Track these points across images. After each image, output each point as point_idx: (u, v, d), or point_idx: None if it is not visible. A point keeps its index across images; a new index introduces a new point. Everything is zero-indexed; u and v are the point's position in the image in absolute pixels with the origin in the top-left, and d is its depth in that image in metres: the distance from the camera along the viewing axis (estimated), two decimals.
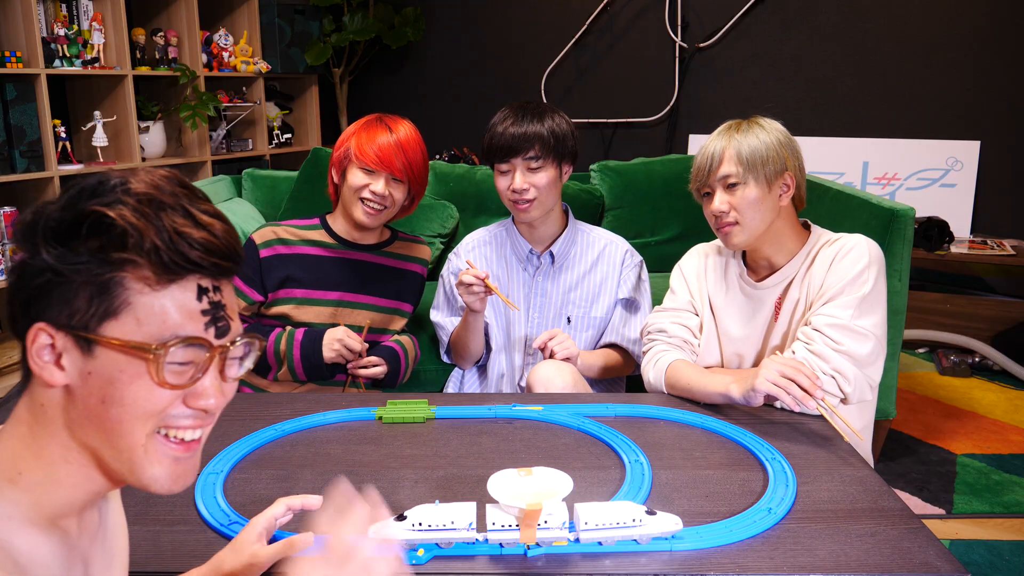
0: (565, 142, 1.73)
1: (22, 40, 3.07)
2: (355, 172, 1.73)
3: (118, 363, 0.63)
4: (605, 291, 1.83)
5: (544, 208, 1.76)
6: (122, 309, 0.62)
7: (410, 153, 1.73)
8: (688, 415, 1.35)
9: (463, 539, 0.94)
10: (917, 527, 1.00)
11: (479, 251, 1.91)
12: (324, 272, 1.80)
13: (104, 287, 0.62)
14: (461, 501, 0.96)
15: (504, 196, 1.76)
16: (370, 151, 1.70)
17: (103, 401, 0.63)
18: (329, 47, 4.30)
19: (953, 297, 3.27)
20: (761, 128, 1.44)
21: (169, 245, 0.62)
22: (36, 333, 0.63)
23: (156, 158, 3.68)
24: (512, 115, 1.73)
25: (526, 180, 1.71)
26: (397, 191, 1.75)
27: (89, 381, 0.63)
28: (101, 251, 0.61)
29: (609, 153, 4.30)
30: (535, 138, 1.69)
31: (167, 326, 0.63)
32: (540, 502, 0.92)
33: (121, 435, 0.65)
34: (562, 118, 1.76)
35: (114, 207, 0.62)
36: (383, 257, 1.86)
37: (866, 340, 1.34)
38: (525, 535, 0.93)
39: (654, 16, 4.08)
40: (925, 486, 2.26)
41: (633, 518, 0.94)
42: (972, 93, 3.65)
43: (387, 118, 1.78)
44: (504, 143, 1.70)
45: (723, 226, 1.44)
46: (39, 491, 0.65)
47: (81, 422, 0.65)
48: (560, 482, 0.98)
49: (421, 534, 0.93)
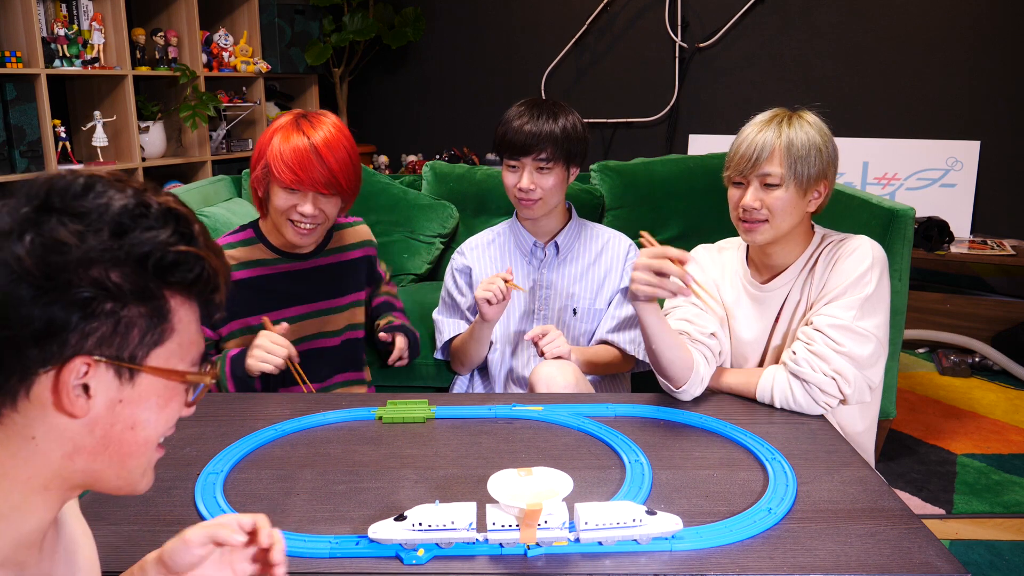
0: (577, 145, 1.74)
1: (22, 40, 3.07)
2: (278, 192, 1.57)
3: (156, 389, 0.63)
4: (609, 282, 1.83)
5: (547, 207, 1.77)
6: (169, 337, 0.63)
7: (334, 161, 1.55)
8: (688, 415, 1.35)
9: (463, 539, 0.94)
10: (917, 527, 1.00)
11: (483, 251, 1.90)
12: (272, 293, 1.68)
13: (159, 317, 0.62)
14: (461, 501, 0.96)
15: (510, 191, 1.77)
16: (287, 169, 1.53)
17: (133, 427, 0.63)
18: (329, 47, 4.30)
19: (953, 297, 3.27)
20: (810, 127, 1.41)
21: (222, 280, 0.65)
22: (78, 367, 0.59)
23: (156, 158, 3.68)
24: (527, 112, 1.72)
25: (533, 180, 1.71)
26: (328, 205, 1.60)
27: (117, 409, 0.62)
28: (169, 284, 0.62)
29: (609, 153, 4.30)
30: (548, 139, 1.69)
31: (198, 349, 0.66)
32: (540, 502, 0.92)
33: (139, 455, 0.65)
34: (576, 119, 1.75)
35: (198, 247, 0.62)
36: (327, 257, 1.75)
37: (867, 341, 1.34)
38: (525, 535, 0.93)
39: (654, 16, 4.08)
40: (925, 486, 2.26)
41: (633, 518, 0.94)
42: (972, 93, 3.65)
43: (306, 119, 1.58)
44: (518, 141, 1.70)
45: (750, 220, 1.42)
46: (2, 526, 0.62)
47: (95, 451, 0.63)
48: (560, 482, 0.98)
49: (421, 534, 0.93)
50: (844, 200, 2.23)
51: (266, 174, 1.58)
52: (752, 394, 1.41)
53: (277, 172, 1.54)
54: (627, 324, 1.80)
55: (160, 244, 0.60)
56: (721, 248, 1.61)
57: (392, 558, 0.94)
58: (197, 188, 2.55)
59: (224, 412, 1.39)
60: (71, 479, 0.64)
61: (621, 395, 1.59)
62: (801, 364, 1.34)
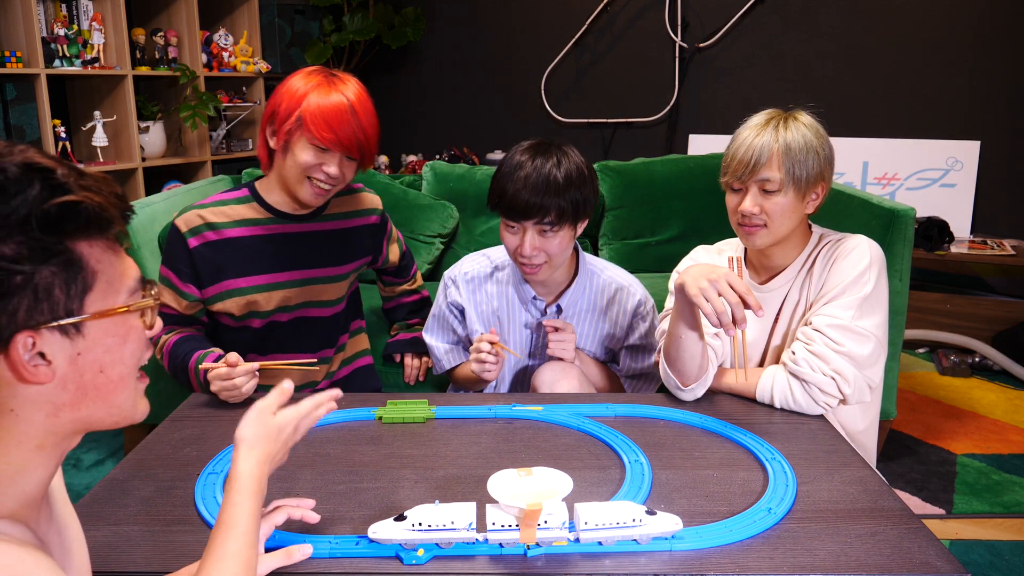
0: (586, 204, 1.53)
1: (22, 40, 3.07)
2: (305, 148, 1.49)
3: (107, 330, 0.64)
4: (613, 339, 1.72)
5: (553, 269, 1.58)
6: (94, 280, 0.63)
7: (366, 124, 1.50)
8: (688, 415, 1.35)
9: (463, 539, 0.94)
10: (917, 527, 1.00)
11: (478, 289, 1.72)
12: (260, 254, 1.60)
13: (73, 268, 0.61)
14: (461, 501, 0.96)
15: (510, 252, 1.57)
16: (326, 127, 1.46)
17: (102, 370, 0.65)
18: (329, 47, 4.30)
19: (953, 297, 3.27)
20: (806, 128, 1.40)
21: (114, 208, 0.64)
22: (21, 343, 0.60)
23: (156, 158, 3.68)
24: (529, 173, 1.48)
25: (536, 245, 1.51)
26: (350, 170, 1.56)
27: (80, 361, 0.64)
28: (63, 236, 0.61)
29: (609, 153, 4.30)
30: (553, 206, 1.47)
31: (131, 276, 0.67)
32: (540, 502, 0.92)
33: (120, 391, 0.67)
34: (581, 172, 1.51)
35: (72, 191, 0.61)
36: (325, 222, 1.67)
37: (867, 341, 1.34)
38: (525, 535, 0.93)
39: (654, 16, 4.08)
40: (925, 486, 2.26)
41: (633, 518, 0.94)
42: (972, 93, 3.65)
43: (337, 78, 1.52)
44: (517, 205, 1.47)
45: (749, 226, 1.41)
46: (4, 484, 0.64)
47: (75, 402, 0.65)
48: (560, 482, 0.98)
49: (421, 534, 0.93)
50: (844, 200, 2.23)
51: (297, 127, 1.49)
52: (752, 394, 1.41)
53: (315, 129, 1.46)
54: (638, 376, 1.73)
55: (32, 203, 0.59)
56: (720, 250, 1.61)
57: (392, 558, 0.94)
58: (197, 188, 2.55)
59: (224, 412, 1.39)
60: (62, 431, 0.66)
61: (621, 395, 1.59)
62: (801, 364, 1.34)
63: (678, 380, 1.39)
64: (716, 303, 1.23)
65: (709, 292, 1.24)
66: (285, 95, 1.51)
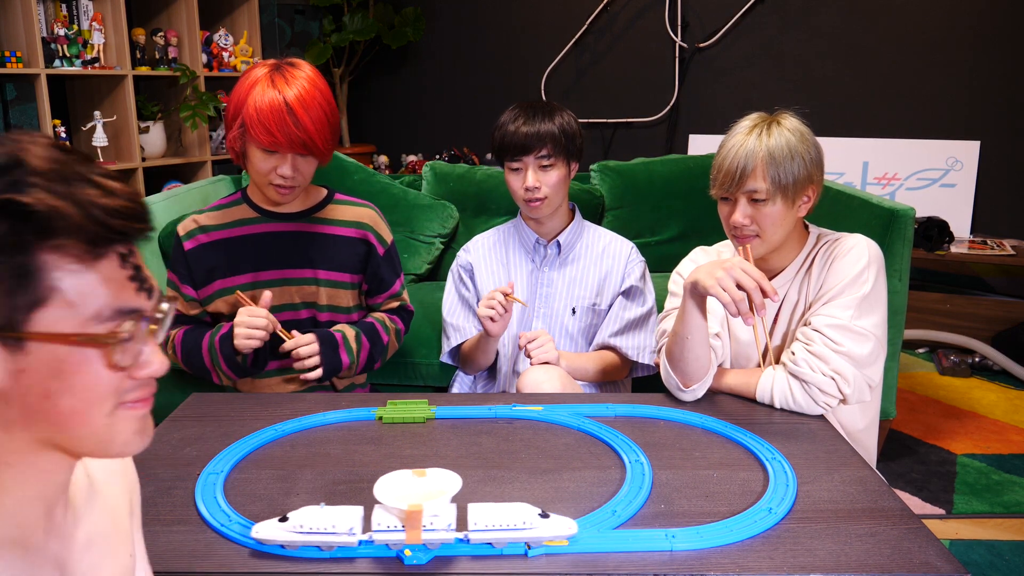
0: (574, 140, 1.78)
1: (22, 40, 3.07)
2: (255, 153, 1.53)
3: (57, 354, 0.57)
4: (609, 283, 1.84)
5: (553, 206, 1.80)
6: (50, 296, 0.56)
7: (307, 120, 1.49)
8: (688, 415, 1.35)
9: (344, 543, 0.94)
10: (917, 527, 1.00)
11: (487, 250, 1.93)
12: (245, 253, 1.64)
13: (23, 276, 0.55)
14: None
15: (516, 194, 1.80)
16: (264, 130, 1.47)
17: (47, 396, 0.58)
18: (329, 47, 4.30)
19: (953, 297, 3.27)
20: (789, 133, 1.38)
21: (92, 220, 0.57)
22: None
23: (156, 158, 3.69)
24: (522, 114, 1.75)
25: (538, 179, 1.74)
26: (305, 165, 1.56)
27: (23, 379, 0.57)
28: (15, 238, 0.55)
29: (609, 153, 4.30)
30: (547, 137, 1.72)
31: (105, 302, 0.58)
32: (421, 503, 0.91)
33: (79, 424, 0.60)
34: (570, 116, 1.79)
35: (26, 191, 0.55)
36: (314, 224, 1.68)
37: (866, 341, 1.34)
38: (410, 536, 0.92)
39: (654, 16, 4.08)
40: (925, 486, 2.26)
41: (524, 520, 0.93)
42: (972, 93, 3.65)
43: (280, 73, 1.51)
44: (517, 141, 1.73)
45: (742, 237, 1.41)
46: None
47: (23, 421, 0.59)
48: (449, 482, 0.97)
49: (303, 536, 0.93)
50: (844, 200, 2.23)
51: (242, 132, 1.52)
52: (752, 394, 1.41)
53: (256, 133, 1.49)
54: (631, 327, 1.80)
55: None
56: (719, 251, 1.61)
57: (392, 558, 0.94)
58: (197, 188, 2.55)
59: (224, 412, 1.39)
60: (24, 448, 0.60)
61: (621, 395, 1.59)
62: (800, 364, 1.34)
63: (680, 381, 1.39)
64: (734, 292, 1.24)
65: (726, 281, 1.25)
66: (234, 97, 1.54)
